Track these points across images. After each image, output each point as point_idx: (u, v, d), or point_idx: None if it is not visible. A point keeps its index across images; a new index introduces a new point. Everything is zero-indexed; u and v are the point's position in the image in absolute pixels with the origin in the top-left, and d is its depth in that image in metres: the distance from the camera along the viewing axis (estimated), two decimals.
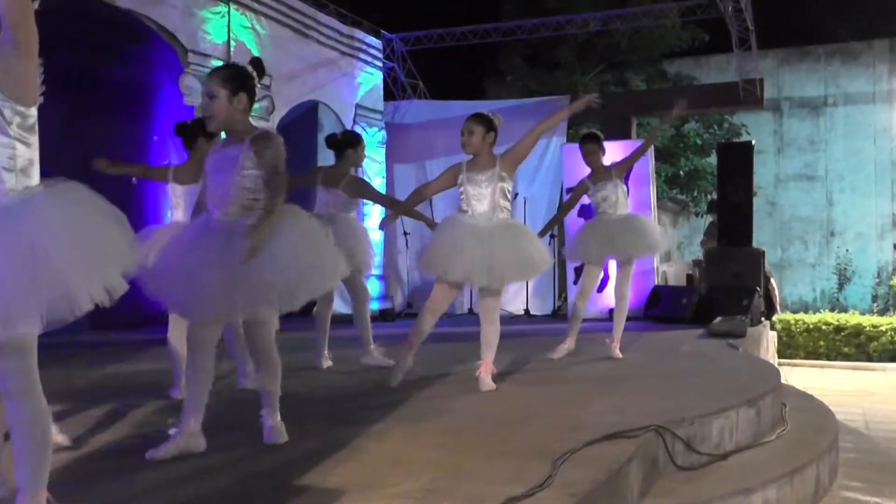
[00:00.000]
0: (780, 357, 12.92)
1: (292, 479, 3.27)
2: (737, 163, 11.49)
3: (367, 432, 4.06)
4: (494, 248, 5.29)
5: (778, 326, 15.05)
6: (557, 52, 18.82)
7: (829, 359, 15.47)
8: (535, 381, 5.88)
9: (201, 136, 5.53)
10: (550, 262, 5.86)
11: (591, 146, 7.18)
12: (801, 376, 12.74)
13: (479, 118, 5.57)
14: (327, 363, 6.67)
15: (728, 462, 4.27)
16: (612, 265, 11.96)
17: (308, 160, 12.15)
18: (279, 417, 3.97)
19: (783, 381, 6.32)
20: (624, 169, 7.33)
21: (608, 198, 7.19)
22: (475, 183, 5.52)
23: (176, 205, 5.49)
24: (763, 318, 10.65)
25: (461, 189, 5.55)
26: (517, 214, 12.90)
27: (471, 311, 13.02)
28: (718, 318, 9.10)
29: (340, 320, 7.88)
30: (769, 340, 10.72)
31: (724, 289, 10.54)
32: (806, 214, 21.63)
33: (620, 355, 7.05)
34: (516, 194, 12.99)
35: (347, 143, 6.90)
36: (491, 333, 5.53)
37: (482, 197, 5.49)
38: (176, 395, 4.99)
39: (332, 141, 6.98)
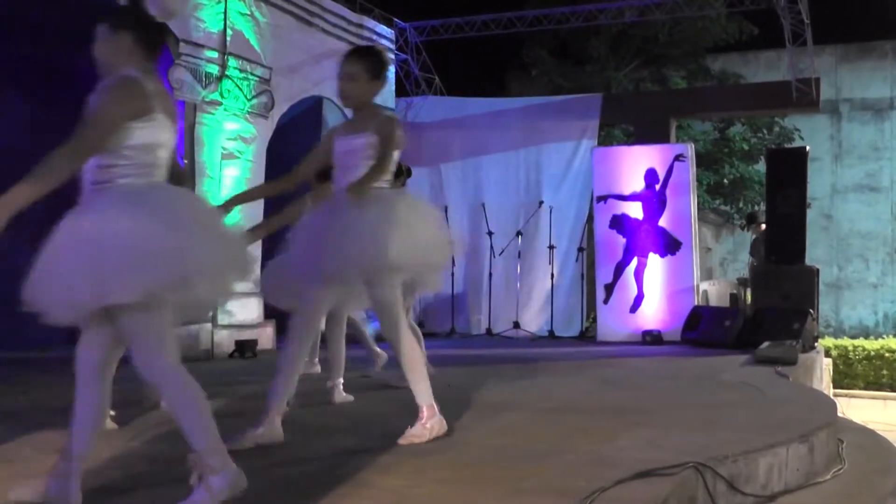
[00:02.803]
0: (835, 387, 12.84)
1: None
2: (789, 171, 11.44)
3: (371, 464, 4.03)
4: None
5: (834, 353, 14.96)
6: (588, 44, 18.86)
7: (892, 390, 15.36)
8: (556, 411, 5.84)
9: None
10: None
11: None
12: (861, 409, 12.67)
13: (361, 53, 4.80)
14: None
15: None
16: (651, 283, 11.95)
17: None
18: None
19: (839, 414, 6.26)
20: None
21: None
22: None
23: None
24: (816, 344, 10.60)
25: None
26: (542, 225, 12.94)
27: (489, 331, 13.02)
28: (766, 343, 9.03)
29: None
30: (823, 368, 10.65)
31: (773, 311, 10.49)
32: (867, 229, 21.54)
33: None
34: (541, 202, 13.02)
35: None
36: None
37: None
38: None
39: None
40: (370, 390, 6.76)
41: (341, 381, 6.35)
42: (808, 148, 12.09)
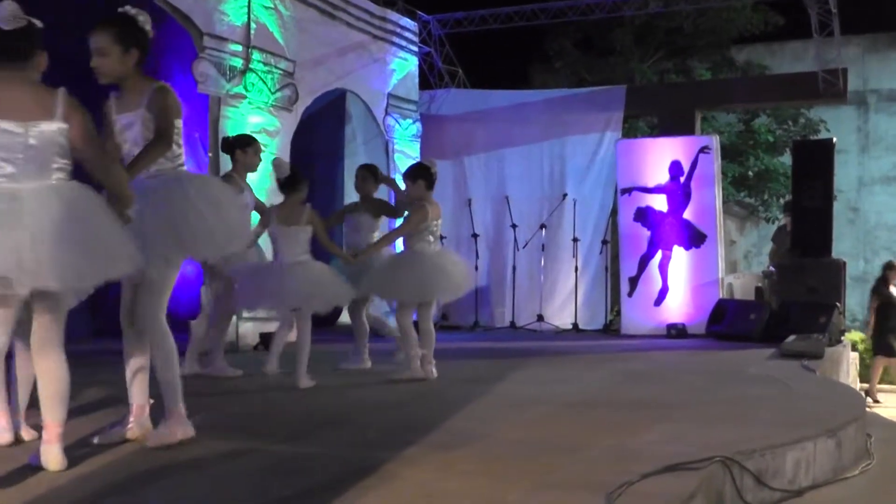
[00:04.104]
0: (861, 382, 12.77)
1: None
2: (814, 163, 11.40)
3: (397, 457, 4.05)
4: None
5: (860, 347, 14.87)
6: (612, 36, 18.78)
7: None
8: (581, 405, 5.84)
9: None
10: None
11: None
12: (889, 404, 12.58)
13: (107, 23, 4.30)
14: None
15: (804, 499, 4.21)
16: (675, 276, 11.92)
17: (334, 154, 12.22)
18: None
19: (867, 408, 6.23)
20: None
21: None
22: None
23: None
24: (842, 338, 10.56)
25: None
26: (566, 217, 12.92)
27: (512, 324, 13.02)
28: (792, 337, 9.00)
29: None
30: (850, 363, 10.60)
31: (799, 304, 10.45)
32: (894, 222, 21.37)
33: None
34: (564, 195, 13.01)
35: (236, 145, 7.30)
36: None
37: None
38: None
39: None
40: (377, 383, 6.79)
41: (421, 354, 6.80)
42: (834, 139, 12.03)
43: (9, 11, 3.74)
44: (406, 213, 7.25)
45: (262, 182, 9.77)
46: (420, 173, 7.10)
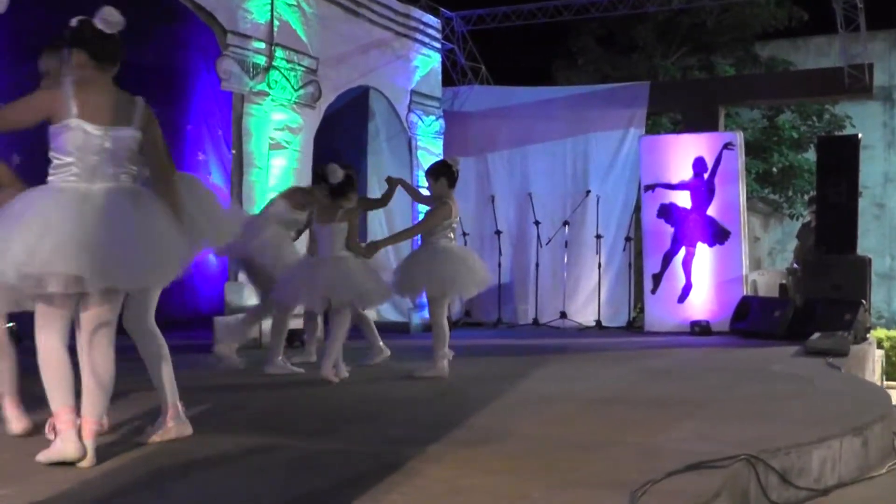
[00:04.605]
0: (888, 379, 12.68)
1: None
2: (840, 159, 11.30)
3: (421, 454, 4.06)
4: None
5: (886, 345, 14.78)
6: (635, 32, 18.71)
7: None
8: (604, 402, 5.83)
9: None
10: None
11: None
12: None
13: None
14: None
15: (829, 498, 4.19)
16: (699, 273, 11.88)
17: (358, 151, 12.23)
18: None
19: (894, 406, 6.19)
20: None
21: None
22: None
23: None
24: (867, 335, 10.48)
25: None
26: (589, 214, 12.89)
27: (535, 321, 13.00)
28: (817, 334, 8.95)
29: (393, 329, 8.03)
30: (875, 360, 10.53)
31: (823, 301, 10.38)
32: None
33: None
34: (588, 191, 12.97)
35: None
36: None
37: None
38: None
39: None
40: (401, 380, 6.81)
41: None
42: (860, 135, 11.93)
43: (116, 18, 3.86)
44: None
45: (285, 181, 9.83)
46: (442, 171, 7.15)
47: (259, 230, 7.04)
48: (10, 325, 4.28)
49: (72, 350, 3.89)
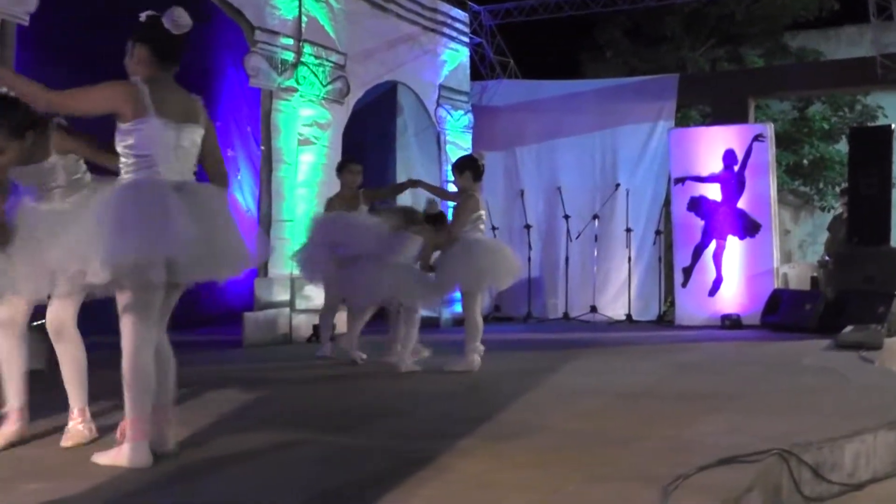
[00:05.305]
0: None
1: (367, 502, 3.28)
2: (872, 150, 11.19)
3: (451, 449, 4.05)
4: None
5: None
6: (663, 24, 18.58)
7: None
8: (635, 396, 5.80)
9: None
10: None
11: None
12: None
13: None
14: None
15: (863, 493, 4.14)
16: (730, 266, 11.80)
17: (386, 146, 12.24)
18: None
19: None
20: None
21: None
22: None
23: None
24: None
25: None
26: (618, 208, 12.84)
27: (565, 315, 12.98)
28: (849, 328, 8.86)
29: (423, 324, 8.06)
30: None
31: (855, 294, 10.29)
32: None
33: None
34: (617, 185, 12.92)
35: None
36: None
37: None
38: None
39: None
40: (431, 374, 6.83)
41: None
42: (893, 126, 11.80)
43: (186, 20, 3.88)
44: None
45: (310, 188, 9.86)
46: (467, 165, 7.21)
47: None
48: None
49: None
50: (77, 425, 4.20)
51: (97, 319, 4.42)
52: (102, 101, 3.81)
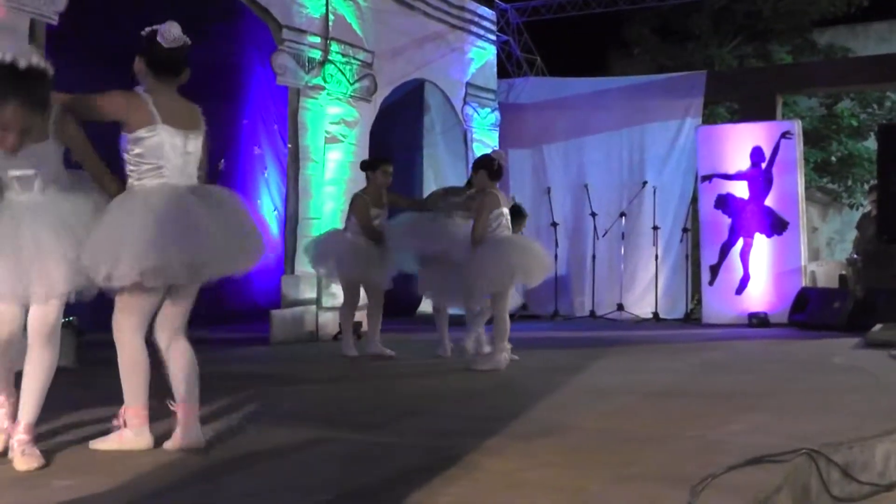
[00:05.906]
0: None
1: (395, 500, 3.28)
2: None
3: (479, 447, 4.04)
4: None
5: None
6: (690, 21, 18.49)
7: None
8: (662, 395, 5.77)
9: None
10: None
11: None
12: None
13: None
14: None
15: (894, 494, 4.11)
16: (757, 264, 11.73)
17: (413, 144, 12.25)
18: None
19: None
20: None
21: None
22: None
23: None
24: None
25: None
26: (646, 205, 12.79)
27: (592, 313, 12.94)
28: (878, 326, 8.79)
29: (450, 322, 8.08)
30: None
31: (885, 292, 10.19)
32: None
33: None
34: (644, 182, 12.87)
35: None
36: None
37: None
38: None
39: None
40: (458, 373, 6.82)
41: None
42: None
43: (175, 34, 4.00)
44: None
45: (338, 186, 9.87)
46: (482, 163, 7.25)
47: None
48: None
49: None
50: (23, 445, 3.72)
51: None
52: (114, 108, 3.93)
